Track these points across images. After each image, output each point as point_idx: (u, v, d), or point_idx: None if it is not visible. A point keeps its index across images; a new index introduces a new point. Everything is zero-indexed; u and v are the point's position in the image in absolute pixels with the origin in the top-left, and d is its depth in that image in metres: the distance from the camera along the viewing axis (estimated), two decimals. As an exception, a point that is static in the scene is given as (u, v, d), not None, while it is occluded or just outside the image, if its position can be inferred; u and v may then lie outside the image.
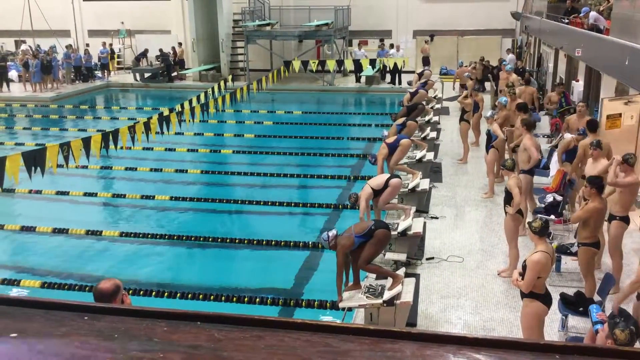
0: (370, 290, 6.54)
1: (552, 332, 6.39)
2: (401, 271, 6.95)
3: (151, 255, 9.48)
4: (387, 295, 6.34)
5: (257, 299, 7.85)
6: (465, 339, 1.25)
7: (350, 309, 6.79)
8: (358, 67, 22.44)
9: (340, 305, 6.59)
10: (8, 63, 24.58)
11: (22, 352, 1.31)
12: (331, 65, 21.33)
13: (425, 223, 9.00)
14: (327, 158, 14.88)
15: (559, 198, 9.28)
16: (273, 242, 9.64)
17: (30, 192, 11.90)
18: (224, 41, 25.76)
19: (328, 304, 7.66)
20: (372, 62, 21.88)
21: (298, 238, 9.80)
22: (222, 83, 17.23)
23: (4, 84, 23.64)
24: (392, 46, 24.37)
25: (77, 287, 8.14)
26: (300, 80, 24.55)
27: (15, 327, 1.41)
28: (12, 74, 24.74)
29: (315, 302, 7.77)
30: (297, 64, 19.87)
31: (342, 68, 24.08)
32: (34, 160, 8.04)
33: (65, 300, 1.57)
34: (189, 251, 9.63)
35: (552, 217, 8.91)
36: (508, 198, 7.77)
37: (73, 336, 1.39)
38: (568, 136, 10.55)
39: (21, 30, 28.48)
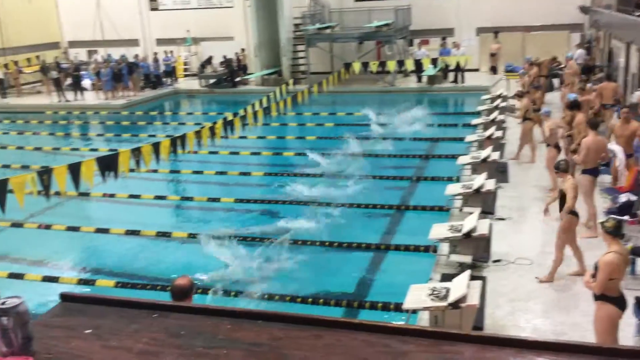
0: (435, 292, 6.46)
1: (626, 337, 6.11)
2: (466, 274, 6.83)
3: (217, 255, 9.70)
4: (452, 297, 6.25)
5: (321, 300, 7.90)
6: (525, 342, 1.24)
7: (414, 311, 6.73)
8: (419, 67, 22.21)
9: (405, 307, 6.54)
10: (82, 72, 25.77)
11: (96, 348, 1.40)
12: (392, 65, 21.22)
13: (491, 225, 8.79)
14: (388, 159, 14.79)
15: (634, 198, 8.85)
16: (336, 244, 9.68)
17: (103, 195, 12.45)
18: (285, 45, 26.07)
19: (392, 306, 7.62)
20: (434, 62, 21.61)
21: (361, 239, 9.79)
22: (283, 87, 17.46)
23: (78, 93, 24.81)
24: (454, 45, 23.95)
25: (148, 287, 8.45)
26: (361, 82, 24.51)
27: (90, 324, 1.50)
28: (86, 82, 25.92)
29: (379, 304, 7.75)
30: (357, 66, 19.90)
31: (402, 68, 23.85)
32: (108, 164, 8.41)
33: (137, 299, 1.66)
34: (254, 252, 9.79)
35: (627, 217, 8.51)
36: (563, 201, 7.51)
37: (143, 333, 1.46)
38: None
39: (93, 41, 29.88)
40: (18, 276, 8.98)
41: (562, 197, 7.62)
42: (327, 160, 14.89)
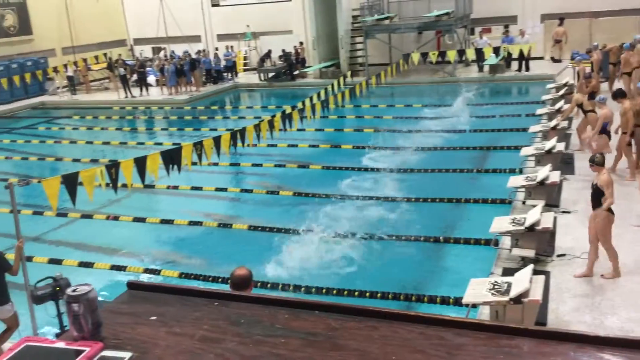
0: (496, 286, 6.34)
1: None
2: (529, 268, 6.66)
3: (275, 248, 9.85)
4: (514, 292, 6.11)
5: (379, 294, 7.89)
6: (585, 336, 1.21)
7: (474, 306, 6.63)
8: (480, 56, 21.70)
9: (464, 301, 6.45)
10: (146, 69, 26.59)
11: (161, 333, 1.46)
12: (452, 55, 20.83)
13: (555, 218, 8.52)
14: (448, 151, 14.57)
15: None
16: (394, 237, 9.64)
17: (168, 187, 12.84)
18: (343, 37, 26.03)
19: (451, 300, 7.54)
20: (496, 50, 21.07)
21: (421, 232, 9.71)
22: (341, 79, 17.44)
23: (144, 89, 25.63)
24: (521, 32, 23.21)
25: (210, 278, 8.68)
26: (420, 73, 24.18)
27: (155, 311, 1.57)
28: (151, 78, 26.74)
29: (438, 298, 7.68)
30: (416, 56, 19.65)
31: (463, 58, 23.36)
32: (171, 158, 8.66)
33: (199, 287, 1.72)
34: (313, 244, 9.88)
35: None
36: (597, 195, 7.19)
37: (205, 320, 1.52)
38: None
39: (157, 38, 30.75)
40: (88, 265, 9.41)
41: (595, 192, 7.33)
42: (385, 153, 14.81)
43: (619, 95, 10.89)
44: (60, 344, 1.40)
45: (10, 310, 6.57)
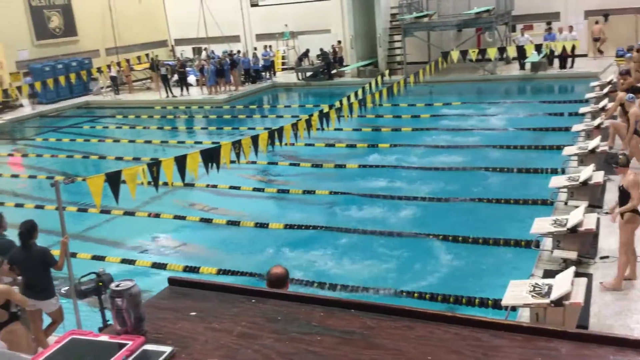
0: (537, 289, 6.23)
1: None
2: (571, 270, 6.52)
3: (311, 247, 9.89)
4: (555, 294, 6.00)
5: (416, 294, 7.85)
6: (627, 340, 1.18)
7: (514, 308, 6.53)
8: (522, 53, 21.30)
9: (504, 303, 6.36)
10: (187, 69, 27.02)
11: (200, 329, 1.50)
12: (492, 53, 20.51)
13: (598, 219, 8.31)
14: (489, 150, 14.36)
15: None
16: (431, 236, 9.57)
17: (207, 186, 13.03)
18: (381, 36, 25.92)
19: (490, 302, 7.44)
20: (538, 48, 20.66)
21: (459, 232, 9.62)
22: (379, 78, 17.37)
23: (184, 88, 26.06)
24: (570, 28, 22.67)
25: (247, 274, 8.78)
26: (460, 71, 23.90)
27: (194, 307, 1.61)
28: (191, 78, 27.17)
29: (476, 300, 7.59)
30: (455, 54, 19.40)
31: (504, 55, 22.96)
32: (211, 157, 8.79)
33: (237, 285, 1.75)
34: (349, 243, 9.89)
35: None
36: (624, 198, 6.95)
37: (242, 317, 1.55)
38: None
39: (197, 38, 31.21)
40: (130, 262, 9.63)
41: (622, 195, 7.10)
42: (423, 151, 14.70)
43: (636, 91, 10.48)
44: (104, 338, 1.45)
45: (56, 304, 6.78)
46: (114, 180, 7.49)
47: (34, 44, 27.19)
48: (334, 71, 26.76)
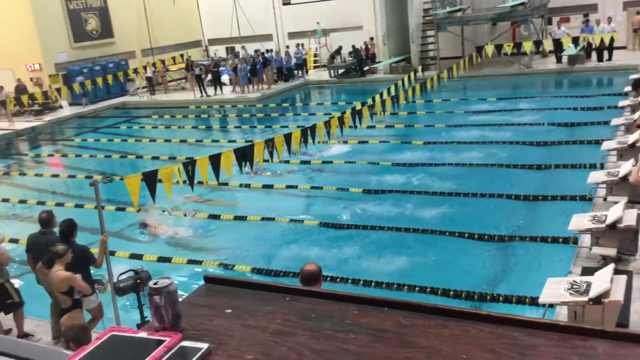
0: (575, 286, 6.11)
1: None
2: (610, 267, 6.37)
3: (346, 244, 9.90)
4: (593, 292, 5.87)
5: (451, 292, 7.78)
6: (667, 340, 1.16)
7: (551, 306, 6.42)
8: (558, 46, 20.88)
9: (541, 301, 6.25)
10: (220, 68, 27.30)
11: (235, 326, 1.52)
12: (528, 46, 20.17)
13: (639, 215, 8.09)
14: (525, 146, 14.12)
15: None
16: (466, 234, 9.47)
17: (240, 185, 13.16)
18: (414, 32, 25.72)
19: (527, 300, 7.33)
20: (575, 40, 20.21)
21: (495, 230, 9.50)
22: (412, 74, 17.25)
23: (218, 88, 26.34)
24: (609, 19, 22.11)
25: (281, 274, 8.84)
26: (494, 65, 23.55)
27: (230, 304, 1.64)
28: (224, 78, 27.44)
29: (513, 298, 7.48)
30: (490, 49, 19.14)
31: (540, 49, 22.53)
32: (244, 155, 8.87)
33: (271, 282, 1.78)
34: (383, 241, 9.86)
35: None
36: None
37: (277, 314, 1.56)
38: None
39: (230, 38, 31.50)
40: (166, 259, 9.80)
41: None
42: (457, 147, 14.54)
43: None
44: (143, 334, 1.48)
45: (96, 301, 6.95)
46: (150, 180, 7.62)
47: (72, 46, 27.83)
48: (366, 68, 26.67)
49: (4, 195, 14.58)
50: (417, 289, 7.94)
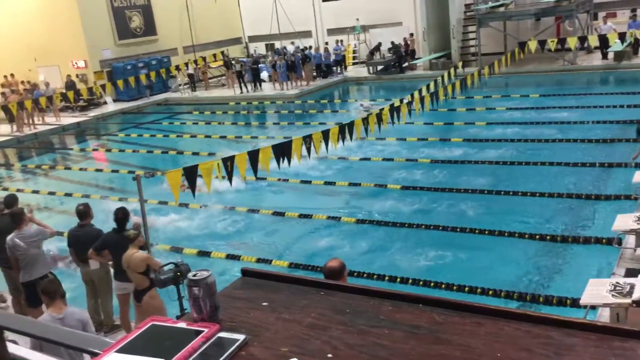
0: (618, 288, 5.96)
1: None
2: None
3: (383, 241, 9.88)
4: (637, 294, 5.71)
5: (490, 291, 7.68)
6: None
7: (593, 307, 6.28)
8: (604, 42, 20.30)
9: (582, 302, 6.12)
10: (260, 65, 27.52)
11: (271, 319, 1.55)
12: (572, 42, 19.67)
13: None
14: (569, 143, 13.80)
15: None
16: (506, 233, 9.32)
17: (278, 180, 13.25)
18: (455, 27, 25.39)
19: (568, 301, 7.19)
20: (622, 36, 19.60)
21: (537, 229, 9.33)
22: (452, 70, 17.03)
23: (257, 84, 26.56)
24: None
25: (318, 269, 8.87)
26: (537, 61, 23.06)
27: (266, 297, 1.66)
28: (264, 74, 27.65)
29: (554, 299, 7.35)
30: (533, 44, 18.72)
31: (585, 45, 21.94)
32: (282, 151, 8.94)
33: (307, 277, 1.80)
34: (422, 238, 9.80)
35: None
36: None
37: (312, 308, 1.58)
38: None
39: (270, 35, 31.69)
40: (206, 253, 9.96)
41: None
42: (498, 145, 14.32)
43: None
44: (182, 324, 1.52)
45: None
46: (191, 174, 7.76)
47: (116, 43, 28.47)
48: (405, 64, 26.48)
49: (50, 189, 15.05)
50: (454, 287, 7.87)
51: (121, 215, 7.18)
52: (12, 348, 2.08)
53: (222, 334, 1.46)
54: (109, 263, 7.39)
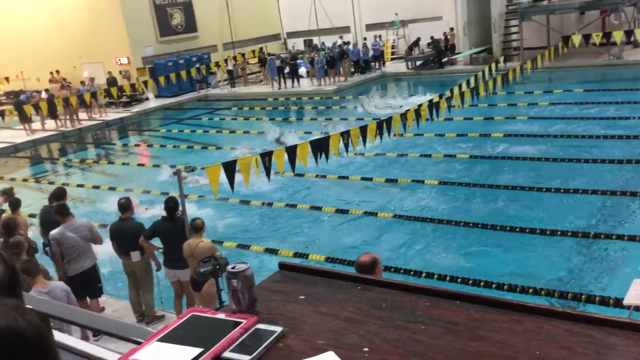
0: (664, 289, 5.78)
1: None
2: None
3: (421, 237, 9.81)
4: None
5: (530, 289, 7.55)
6: None
7: (637, 309, 6.11)
8: (653, 35, 19.62)
9: (626, 302, 5.97)
10: (298, 61, 27.59)
11: (308, 312, 1.57)
12: (618, 36, 19.11)
13: None
14: (613, 140, 13.42)
15: None
16: (548, 231, 9.14)
17: (316, 176, 13.29)
18: (496, 21, 24.95)
19: (611, 301, 7.01)
20: (672, 29, 18.94)
21: (580, 227, 9.12)
22: (493, 65, 16.76)
23: (295, 80, 26.65)
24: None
25: (354, 264, 8.86)
26: (581, 56, 22.46)
27: (303, 291, 1.68)
28: (302, 70, 27.73)
29: (596, 298, 7.17)
30: (577, 38, 18.27)
31: (632, 39, 21.25)
32: (320, 147, 8.96)
33: (343, 271, 1.81)
34: (461, 235, 9.69)
35: None
36: None
37: (349, 302, 1.60)
38: None
39: (308, 31, 31.76)
40: (245, 247, 10.08)
41: None
42: (539, 141, 14.03)
43: None
44: (221, 316, 1.56)
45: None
46: (229, 170, 7.86)
47: (158, 40, 28.97)
48: (445, 59, 26.15)
49: (94, 183, 15.44)
50: (494, 285, 7.76)
51: (172, 204, 7.39)
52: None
53: (260, 326, 1.49)
54: (160, 250, 7.56)
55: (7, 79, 29.71)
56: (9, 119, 21.92)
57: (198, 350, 1.39)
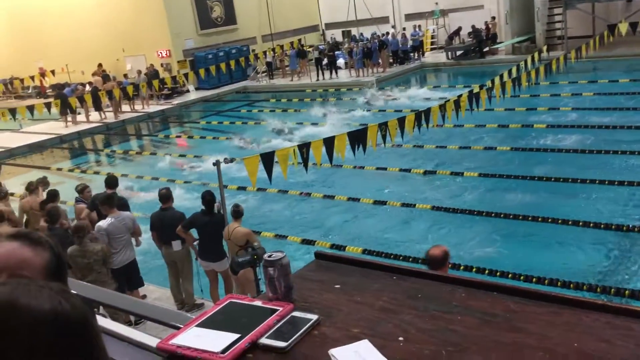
0: None
1: None
2: None
3: (459, 230, 9.71)
4: None
5: (572, 284, 7.40)
6: None
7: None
8: None
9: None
10: (336, 52, 27.52)
11: (343, 300, 1.58)
12: (669, 23, 18.38)
13: None
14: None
15: None
16: (581, 223, 8.93)
17: (354, 167, 13.27)
18: (539, 10, 24.35)
19: (642, 294, 6.83)
20: None
21: (609, 219, 8.89)
22: (536, 54, 16.38)
23: (333, 71, 26.60)
24: None
25: (392, 256, 8.85)
26: (629, 45, 21.72)
27: (338, 280, 1.69)
28: (340, 61, 27.65)
29: (626, 291, 7.07)
30: (624, 27, 17.66)
31: (684, 25, 20.43)
32: (357, 138, 8.94)
33: (379, 261, 1.81)
34: (499, 228, 9.55)
35: None
36: None
37: (384, 292, 1.60)
38: None
39: (347, 22, 31.62)
40: (282, 237, 10.16)
41: None
42: (583, 132, 13.68)
43: None
44: (258, 303, 1.58)
45: (226, 264, 7.41)
46: (267, 161, 7.92)
47: (198, 33, 29.31)
48: (486, 49, 25.69)
49: (137, 173, 15.78)
50: (534, 279, 7.63)
51: (209, 197, 7.52)
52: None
53: (296, 313, 1.51)
54: (195, 243, 7.71)
55: (52, 72, 30.55)
56: (55, 110, 22.55)
57: (235, 335, 1.42)
